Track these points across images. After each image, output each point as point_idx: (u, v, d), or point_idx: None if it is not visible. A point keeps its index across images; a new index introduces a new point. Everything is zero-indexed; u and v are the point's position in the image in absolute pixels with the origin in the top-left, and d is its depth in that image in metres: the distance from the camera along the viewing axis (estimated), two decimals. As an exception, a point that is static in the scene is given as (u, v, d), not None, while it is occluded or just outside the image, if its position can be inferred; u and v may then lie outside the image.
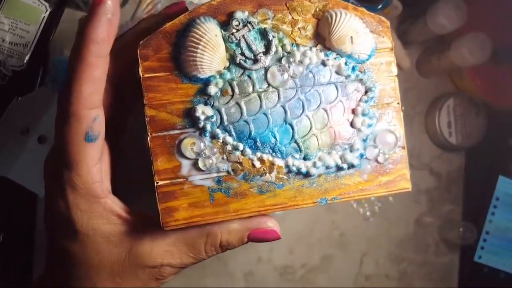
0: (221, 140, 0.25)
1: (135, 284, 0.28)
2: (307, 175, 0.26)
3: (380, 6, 0.48)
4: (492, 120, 0.56)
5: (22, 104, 0.45)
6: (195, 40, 0.24)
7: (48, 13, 0.46)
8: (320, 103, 0.26)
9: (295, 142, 0.26)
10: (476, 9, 0.50)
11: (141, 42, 0.24)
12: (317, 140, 0.26)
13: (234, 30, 0.25)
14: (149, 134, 0.24)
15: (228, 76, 0.25)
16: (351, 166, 0.26)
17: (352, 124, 0.26)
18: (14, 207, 0.46)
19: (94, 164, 0.25)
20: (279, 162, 0.25)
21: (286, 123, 0.26)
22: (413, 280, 0.56)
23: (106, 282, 0.28)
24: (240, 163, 0.25)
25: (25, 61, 0.46)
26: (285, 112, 0.26)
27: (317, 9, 0.26)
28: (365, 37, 0.26)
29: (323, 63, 0.26)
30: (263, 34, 0.25)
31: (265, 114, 0.25)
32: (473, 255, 0.56)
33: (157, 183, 0.25)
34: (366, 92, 0.26)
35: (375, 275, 0.55)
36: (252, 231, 0.28)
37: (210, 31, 0.24)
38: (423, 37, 0.54)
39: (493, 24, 0.51)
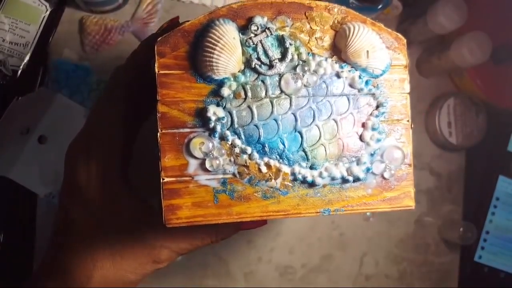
0: (230, 142, 0.25)
1: (132, 264, 0.29)
2: (312, 184, 0.26)
3: (380, 6, 0.48)
4: (492, 120, 0.56)
5: (22, 104, 0.45)
6: (213, 41, 0.24)
7: (48, 13, 0.46)
8: (331, 114, 0.26)
9: (303, 150, 0.26)
10: (476, 9, 0.50)
11: (159, 39, 0.24)
12: (325, 150, 0.26)
13: (252, 35, 0.25)
14: (159, 130, 0.24)
15: (242, 79, 0.25)
16: (356, 179, 0.26)
17: (361, 138, 0.26)
18: (14, 207, 0.46)
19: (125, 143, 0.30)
20: (285, 169, 0.25)
21: (295, 131, 0.26)
22: (413, 280, 0.56)
23: (106, 260, 0.29)
24: (247, 167, 0.25)
25: (25, 61, 0.46)
26: (296, 119, 0.25)
27: (336, 21, 0.26)
28: (381, 52, 0.26)
29: (337, 75, 0.26)
30: (281, 41, 0.25)
31: (275, 120, 0.25)
32: (473, 255, 0.56)
33: (163, 179, 0.25)
34: (377, 107, 0.26)
35: (375, 275, 0.55)
36: None
37: (228, 34, 0.24)
38: (423, 37, 0.54)
39: (493, 24, 0.51)
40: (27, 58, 0.46)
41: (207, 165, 0.25)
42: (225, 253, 0.51)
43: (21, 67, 0.45)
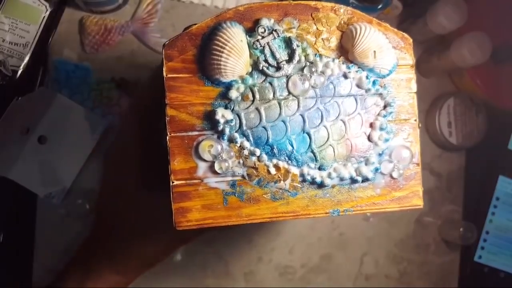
0: (238, 145, 0.25)
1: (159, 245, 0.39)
2: (321, 185, 0.26)
3: (380, 6, 0.48)
4: (492, 120, 0.56)
5: (22, 104, 0.45)
6: (220, 44, 0.24)
7: (48, 13, 0.46)
8: (338, 114, 0.26)
9: (312, 151, 0.26)
10: (476, 9, 0.50)
11: (167, 42, 0.24)
12: (334, 151, 0.26)
13: (259, 37, 0.25)
14: (168, 133, 0.24)
15: (250, 81, 0.25)
16: (365, 179, 0.26)
17: (369, 138, 0.26)
18: (14, 207, 0.46)
19: None
20: (294, 170, 0.25)
21: (304, 132, 0.26)
22: (413, 280, 0.56)
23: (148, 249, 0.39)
24: (256, 169, 0.25)
25: (25, 61, 0.46)
26: (304, 121, 0.25)
27: (342, 22, 0.26)
28: (387, 52, 0.26)
29: (345, 75, 0.26)
30: (288, 42, 0.25)
31: (283, 121, 0.25)
32: (473, 255, 0.56)
33: (172, 182, 0.25)
34: (385, 106, 0.26)
35: (375, 275, 0.55)
36: None
37: (235, 36, 0.24)
38: (423, 37, 0.53)
39: (493, 24, 0.51)
40: (27, 58, 0.46)
41: (216, 167, 0.25)
42: (225, 253, 0.51)
43: (21, 67, 0.45)
